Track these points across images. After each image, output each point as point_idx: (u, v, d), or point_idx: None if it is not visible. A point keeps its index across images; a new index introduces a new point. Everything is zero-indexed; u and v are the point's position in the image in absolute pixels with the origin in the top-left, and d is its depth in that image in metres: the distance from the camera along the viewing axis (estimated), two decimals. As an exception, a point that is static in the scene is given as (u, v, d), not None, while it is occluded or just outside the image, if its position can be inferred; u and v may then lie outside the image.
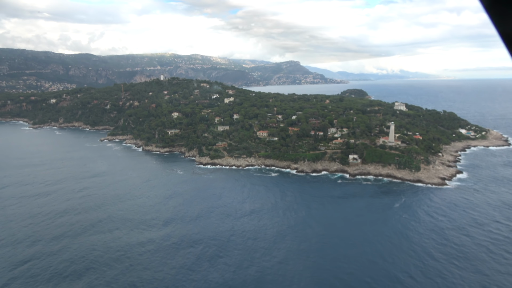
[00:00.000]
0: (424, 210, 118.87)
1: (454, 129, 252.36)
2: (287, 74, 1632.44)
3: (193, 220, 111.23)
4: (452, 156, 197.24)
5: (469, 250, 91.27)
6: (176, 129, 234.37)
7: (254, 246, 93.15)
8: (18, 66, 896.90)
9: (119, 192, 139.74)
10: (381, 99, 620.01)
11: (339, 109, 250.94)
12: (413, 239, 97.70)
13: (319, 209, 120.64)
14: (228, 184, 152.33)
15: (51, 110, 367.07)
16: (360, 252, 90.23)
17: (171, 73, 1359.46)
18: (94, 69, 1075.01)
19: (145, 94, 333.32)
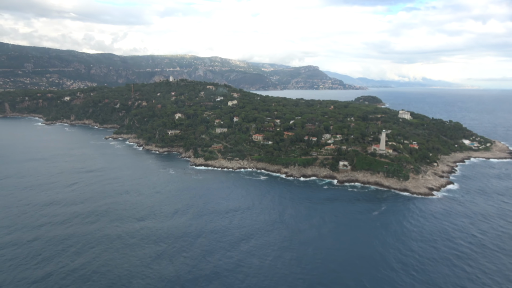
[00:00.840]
0: (399, 220, 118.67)
1: (458, 139, 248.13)
2: (305, 78, 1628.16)
3: (167, 219, 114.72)
4: (448, 166, 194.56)
5: (431, 262, 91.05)
6: (176, 129, 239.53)
7: (218, 246, 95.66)
8: (42, 64, 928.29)
9: (106, 189, 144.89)
10: (395, 107, 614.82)
11: (339, 115, 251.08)
12: (377, 247, 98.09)
13: (293, 213, 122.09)
14: (213, 185, 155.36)
15: (64, 107, 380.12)
16: (317, 257, 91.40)
17: (190, 74, 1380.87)
18: (115, 68, 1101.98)
19: (154, 94, 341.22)
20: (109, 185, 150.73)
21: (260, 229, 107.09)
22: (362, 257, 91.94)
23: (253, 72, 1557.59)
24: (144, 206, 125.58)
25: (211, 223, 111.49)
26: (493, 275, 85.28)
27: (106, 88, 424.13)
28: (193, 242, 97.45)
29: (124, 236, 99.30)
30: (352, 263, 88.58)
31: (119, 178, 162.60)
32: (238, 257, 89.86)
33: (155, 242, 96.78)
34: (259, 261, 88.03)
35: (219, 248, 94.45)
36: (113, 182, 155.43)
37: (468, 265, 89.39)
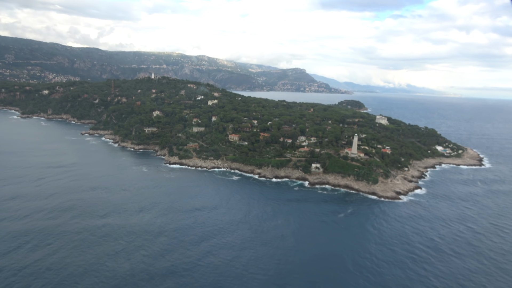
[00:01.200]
0: (362, 222, 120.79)
1: (431, 145, 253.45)
2: (292, 81, 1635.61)
3: (131, 216, 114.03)
4: (419, 171, 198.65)
5: (387, 264, 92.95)
6: (154, 127, 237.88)
7: (178, 245, 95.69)
8: (24, 56, 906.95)
9: (73, 185, 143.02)
10: (377, 112, 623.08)
11: (317, 118, 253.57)
12: (336, 249, 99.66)
13: (258, 214, 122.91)
14: (184, 184, 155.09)
15: (42, 101, 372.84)
16: (275, 257, 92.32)
17: (176, 72, 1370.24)
18: (99, 63, 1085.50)
19: (134, 91, 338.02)
20: (77, 181, 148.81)
21: (223, 229, 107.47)
22: (320, 259, 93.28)
23: (240, 73, 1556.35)
24: (110, 203, 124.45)
25: (175, 221, 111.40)
26: (445, 278, 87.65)
27: (86, 83, 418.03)
28: (154, 240, 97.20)
29: (83, 233, 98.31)
30: (308, 264, 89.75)
31: (88, 174, 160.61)
32: (197, 256, 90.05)
33: (115, 239, 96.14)
34: (217, 261, 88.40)
35: (179, 247, 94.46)
36: (82, 178, 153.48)
37: (422, 268, 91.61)
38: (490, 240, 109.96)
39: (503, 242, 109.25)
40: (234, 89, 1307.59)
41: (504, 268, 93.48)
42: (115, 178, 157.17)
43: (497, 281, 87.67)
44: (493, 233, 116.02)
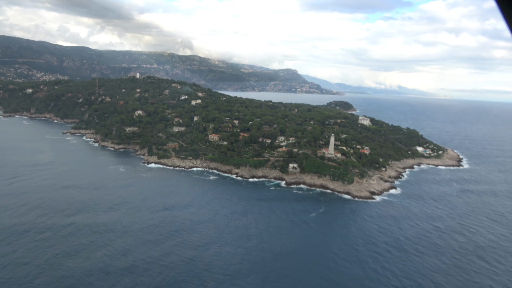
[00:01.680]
0: (331, 222, 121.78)
1: (412, 146, 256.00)
2: (283, 81, 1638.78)
3: (99, 215, 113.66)
4: (396, 172, 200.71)
5: (349, 263, 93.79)
6: (135, 127, 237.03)
7: (141, 243, 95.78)
8: (11, 54, 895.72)
9: (46, 183, 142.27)
10: (366, 113, 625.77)
11: (299, 118, 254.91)
12: (299, 248, 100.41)
13: (227, 213, 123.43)
14: (159, 183, 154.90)
15: (26, 99, 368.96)
16: (237, 256, 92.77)
17: (168, 72, 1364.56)
18: (89, 62, 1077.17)
19: (118, 90, 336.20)
20: (50, 180, 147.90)
21: (190, 228, 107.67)
22: (281, 258, 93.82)
23: (231, 73, 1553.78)
24: (80, 202, 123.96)
25: (142, 221, 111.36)
26: (404, 276, 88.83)
27: (71, 82, 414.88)
28: (117, 239, 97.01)
29: (46, 232, 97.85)
30: (267, 264, 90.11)
31: (63, 173, 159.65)
32: (159, 255, 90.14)
33: (78, 238, 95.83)
34: (178, 260, 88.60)
35: (142, 246, 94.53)
36: (56, 177, 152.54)
37: (383, 267, 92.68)
38: (454, 240, 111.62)
39: (467, 242, 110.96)
40: (225, 89, 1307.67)
41: (464, 268, 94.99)
42: (89, 177, 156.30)
43: (456, 280, 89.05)
44: (459, 232, 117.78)
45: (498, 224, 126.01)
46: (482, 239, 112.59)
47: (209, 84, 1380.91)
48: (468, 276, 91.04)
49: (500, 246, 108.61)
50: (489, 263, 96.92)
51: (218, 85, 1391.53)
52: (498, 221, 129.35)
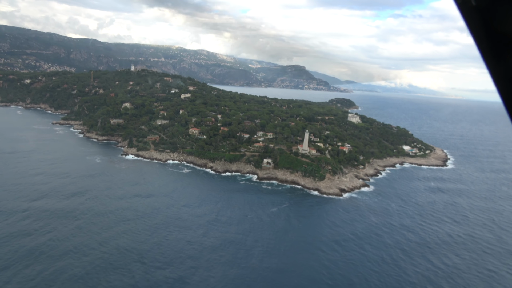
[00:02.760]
0: (289, 217, 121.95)
1: (399, 145, 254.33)
2: (291, 78, 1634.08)
3: (56, 201, 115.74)
4: (375, 170, 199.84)
5: (304, 262, 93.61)
6: (120, 119, 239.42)
7: (89, 228, 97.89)
8: (19, 45, 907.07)
9: (16, 170, 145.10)
10: (369, 111, 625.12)
11: (285, 114, 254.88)
12: (245, 242, 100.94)
13: (185, 203, 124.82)
14: (129, 174, 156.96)
15: (23, 90, 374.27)
16: (164, 246, 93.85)
17: (175, 66, 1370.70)
18: (96, 55, 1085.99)
19: (112, 83, 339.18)
20: (22, 167, 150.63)
21: (140, 216, 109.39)
22: (224, 251, 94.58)
23: (239, 68, 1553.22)
24: (44, 188, 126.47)
25: (97, 206, 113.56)
26: (339, 272, 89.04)
27: (69, 73, 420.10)
28: (69, 223, 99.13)
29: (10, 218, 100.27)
30: (208, 257, 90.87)
31: (38, 162, 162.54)
32: (101, 239, 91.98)
33: (31, 222, 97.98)
34: (116, 244, 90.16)
35: (89, 230, 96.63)
36: (29, 165, 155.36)
37: (325, 267, 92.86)
38: (404, 238, 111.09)
39: (415, 241, 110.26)
40: (232, 84, 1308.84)
41: (402, 266, 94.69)
42: (61, 166, 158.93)
43: (386, 276, 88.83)
44: (411, 231, 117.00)
45: (457, 225, 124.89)
46: (434, 238, 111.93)
47: (216, 79, 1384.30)
48: (401, 271, 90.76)
49: (448, 245, 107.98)
50: (429, 261, 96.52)
51: (224, 80, 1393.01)
52: (458, 222, 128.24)
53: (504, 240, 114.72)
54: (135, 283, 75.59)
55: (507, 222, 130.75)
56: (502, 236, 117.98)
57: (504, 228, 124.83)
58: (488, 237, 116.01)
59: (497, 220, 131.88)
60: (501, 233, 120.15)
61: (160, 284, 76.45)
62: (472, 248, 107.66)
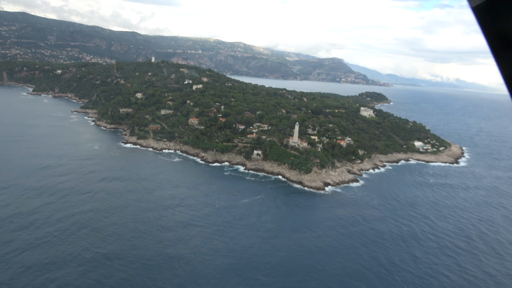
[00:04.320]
0: (259, 209, 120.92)
1: (410, 140, 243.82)
2: (328, 71, 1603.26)
3: (42, 179, 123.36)
4: (373, 165, 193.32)
5: (236, 250, 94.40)
6: (129, 108, 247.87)
7: (65, 205, 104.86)
8: (65, 37, 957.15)
9: (15, 152, 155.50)
10: (400, 106, 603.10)
11: (292, 107, 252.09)
12: (205, 230, 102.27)
13: (156, 186, 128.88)
14: (119, 161, 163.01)
15: (54, 80, 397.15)
16: (122, 228, 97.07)
17: (211, 58, 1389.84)
18: (135, 47, 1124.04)
19: (133, 73, 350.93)
20: (21, 151, 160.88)
21: (109, 197, 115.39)
22: (189, 240, 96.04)
23: (275, 61, 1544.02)
24: (31, 168, 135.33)
25: (76, 186, 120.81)
26: (287, 265, 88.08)
27: (98, 65, 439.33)
28: (41, 200, 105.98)
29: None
30: (171, 244, 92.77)
31: (40, 145, 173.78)
32: (74, 220, 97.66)
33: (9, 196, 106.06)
34: (82, 219, 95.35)
35: (65, 207, 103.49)
36: (29, 148, 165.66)
37: (270, 254, 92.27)
38: (363, 235, 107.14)
39: (362, 235, 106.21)
40: (267, 77, 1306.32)
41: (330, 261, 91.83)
42: (58, 150, 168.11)
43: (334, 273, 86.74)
44: (373, 228, 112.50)
45: (425, 225, 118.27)
46: (390, 235, 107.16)
47: (251, 71, 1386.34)
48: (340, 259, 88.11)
49: (412, 245, 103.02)
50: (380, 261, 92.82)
51: (260, 72, 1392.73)
52: (429, 221, 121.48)
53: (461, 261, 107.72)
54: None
55: (478, 232, 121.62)
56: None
57: (471, 238, 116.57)
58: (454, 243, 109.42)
59: (468, 228, 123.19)
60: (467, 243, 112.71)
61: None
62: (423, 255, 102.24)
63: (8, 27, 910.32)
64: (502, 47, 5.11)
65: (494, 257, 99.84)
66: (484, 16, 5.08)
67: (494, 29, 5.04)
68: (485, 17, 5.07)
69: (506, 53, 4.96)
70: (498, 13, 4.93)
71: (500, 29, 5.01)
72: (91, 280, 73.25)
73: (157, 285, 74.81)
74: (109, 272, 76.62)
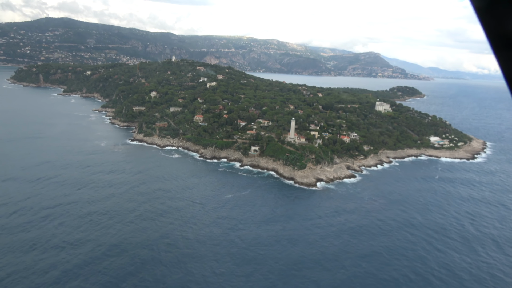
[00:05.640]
0: (238, 204, 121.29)
1: (426, 135, 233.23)
2: (363, 65, 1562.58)
3: (42, 171, 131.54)
4: (378, 161, 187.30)
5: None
6: (143, 106, 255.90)
7: (52, 191, 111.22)
8: (103, 40, 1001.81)
9: (22, 151, 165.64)
10: (435, 100, 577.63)
11: (302, 103, 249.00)
12: (178, 224, 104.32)
13: (143, 180, 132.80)
14: (118, 156, 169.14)
15: (84, 81, 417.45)
16: (100, 214, 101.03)
17: (244, 56, 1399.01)
18: (170, 47, 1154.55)
19: (154, 73, 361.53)
20: (31, 148, 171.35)
21: (100, 186, 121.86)
22: (143, 230, 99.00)
23: (309, 57, 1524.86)
24: (34, 160, 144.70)
25: (73, 176, 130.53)
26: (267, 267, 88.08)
27: (124, 65, 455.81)
28: (36, 185, 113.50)
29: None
30: (146, 238, 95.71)
31: (50, 141, 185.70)
32: (53, 204, 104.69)
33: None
34: (62, 211, 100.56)
35: (51, 190, 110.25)
36: (39, 147, 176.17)
37: (228, 252, 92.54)
38: (326, 234, 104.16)
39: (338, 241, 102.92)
40: (299, 74, 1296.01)
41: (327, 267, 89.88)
42: (64, 145, 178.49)
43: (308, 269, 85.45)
44: (343, 230, 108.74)
45: (413, 228, 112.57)
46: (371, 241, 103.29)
47: (284, 68, 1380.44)
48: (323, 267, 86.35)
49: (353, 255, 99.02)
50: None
51: (292, 69, 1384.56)
52: (414, 225, 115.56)
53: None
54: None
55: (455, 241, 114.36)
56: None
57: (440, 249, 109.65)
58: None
59: (452, 226, 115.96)
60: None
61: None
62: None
63: (52, 32, 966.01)
64: (505, 48, 5.22)
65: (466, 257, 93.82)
66: (487, 17, 5.17)
67: (496, 30, 5.12)
68: (488, 18, 5.16)
69: (508, 53, 5.10)
70: (501, 14, 5.01)
71: (503, 30, 5.10)
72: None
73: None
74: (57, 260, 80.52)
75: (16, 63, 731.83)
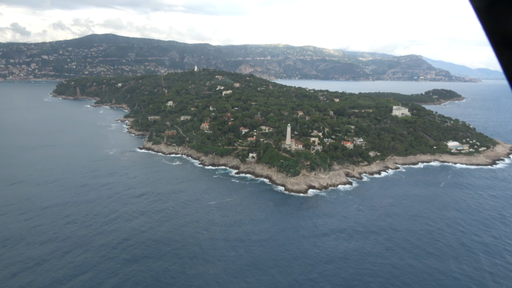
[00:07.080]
0: (222, 210, 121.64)
1: (444, 140, 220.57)
2: (404, 69, 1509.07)
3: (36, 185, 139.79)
4: (383, 167, 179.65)
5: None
6: (158, 115, 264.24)
7: (52, 203, 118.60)
8: (143, 53, 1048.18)
9: (37, 159, 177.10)
10: (476, 102, 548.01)
11: (313, 108, 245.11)
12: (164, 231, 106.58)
13: (136, 186, 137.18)
14: (122, 164, 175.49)
15: (115, 92, 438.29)
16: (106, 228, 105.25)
17: (280, 63, 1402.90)
18: (206, 57, 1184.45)
19: (176, 83, 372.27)
20: (45, 156, 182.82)
21: (100, 186, 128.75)
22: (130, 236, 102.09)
23: (347, 62, 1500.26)
24: (34, 171, 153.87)
25: (76, 179, 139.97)
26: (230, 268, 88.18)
27: (152, 76, 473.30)
28: (43, 187, 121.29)
29: None
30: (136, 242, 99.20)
31: (62, 148, 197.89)
32: (48, 204, 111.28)
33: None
34: (57, 210, 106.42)
35: (48, 192, 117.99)
36: (55, 151, 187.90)
37: (203, 258, 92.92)
38: (300, 236, 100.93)
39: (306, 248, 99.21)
40: (336, 79, 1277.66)
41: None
42: (74, 153, 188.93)
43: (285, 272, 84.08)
44: (316, 233, 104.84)
45: (380, 236, 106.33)
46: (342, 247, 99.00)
47: (320, 74, 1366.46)
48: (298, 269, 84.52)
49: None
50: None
51: (329, 75, 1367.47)
52: (384, 241, 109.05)
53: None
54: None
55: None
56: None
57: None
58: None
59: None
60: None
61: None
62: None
63: (97, 47, 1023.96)
64: (505, 46, 5.36)
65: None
66: (487, 16, 5.31)
67: (496, 29, 5.24)
68: (487, 17, 5.29)
69: (508, 52, 5.21)
70: (500, 13, 5.11)
71: (503, 29, 5.22)
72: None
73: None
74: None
75: (63, 78, 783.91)
